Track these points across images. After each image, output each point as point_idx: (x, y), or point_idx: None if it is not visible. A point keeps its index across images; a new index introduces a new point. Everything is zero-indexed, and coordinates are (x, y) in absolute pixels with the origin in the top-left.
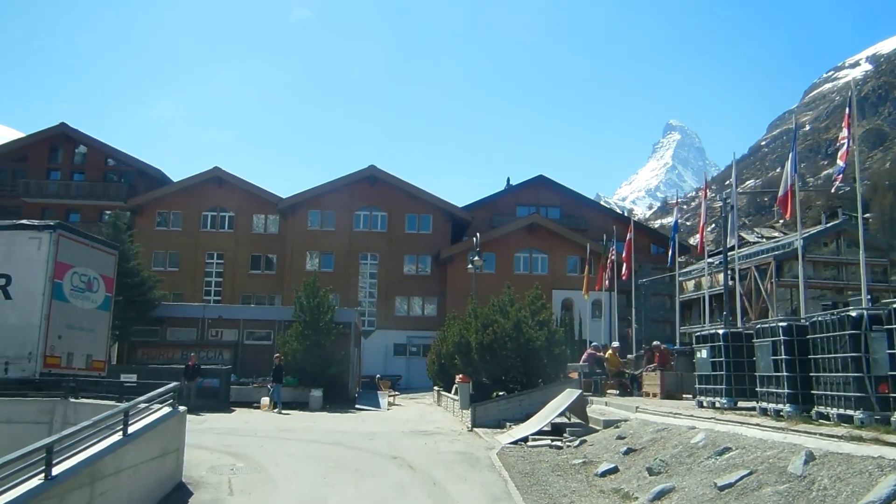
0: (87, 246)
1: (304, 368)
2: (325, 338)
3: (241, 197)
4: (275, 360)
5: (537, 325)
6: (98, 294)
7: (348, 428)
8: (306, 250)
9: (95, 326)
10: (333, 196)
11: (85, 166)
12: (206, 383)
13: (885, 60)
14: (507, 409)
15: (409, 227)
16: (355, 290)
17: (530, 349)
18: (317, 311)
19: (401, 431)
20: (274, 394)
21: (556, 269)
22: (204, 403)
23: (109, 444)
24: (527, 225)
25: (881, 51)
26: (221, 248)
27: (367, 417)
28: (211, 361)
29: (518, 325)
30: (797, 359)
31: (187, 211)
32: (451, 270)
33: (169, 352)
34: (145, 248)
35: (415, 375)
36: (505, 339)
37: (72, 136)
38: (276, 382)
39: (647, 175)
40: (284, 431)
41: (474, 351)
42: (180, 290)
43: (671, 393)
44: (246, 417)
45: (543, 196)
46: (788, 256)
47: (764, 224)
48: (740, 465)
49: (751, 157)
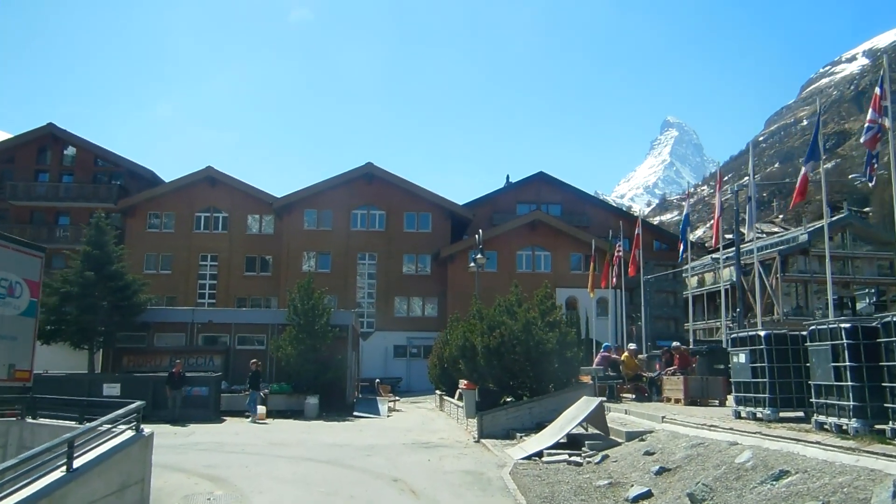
0: (9, 249)
1: (299, 374)
2: (320, 342)
3: (235, 197)
4: (251, 366)
5: (547, 327)
6: (21, 300)
7: (345, 440)
8: (303, 251)
9: (19, 334)
10: (330, 195)
11: (74, 167)
12: (195, 392)
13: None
14: (516, 418)
15: (408, 225)
16: (353, 291)
17: (541, 352)
18: (311, 314)
19: (402, 444)
20: (249, 402)
21: (560, 267)
22: (192, 413)
23: (45, 486)
24: (529, 222)
25: (878, 45)
26: (215, 250)
27: (366, 427)
28: (201, 368)
29: (527, 326)
30: (864, 366)
31: (180, 212)
32: (451, 270)
33: (156, 359)
34: (137, 250)
35: (415, 378)
36: (513, 341)
37: (60, 136)
38: (253, 390)
39: (645, 172)
40: (275, 446)
41: (480, 355)
42: (173, 293)
43: (695, 399)
44: (236, 428)
45: (544, 193)
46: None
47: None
48: (806, 495)
49: (748, 152)
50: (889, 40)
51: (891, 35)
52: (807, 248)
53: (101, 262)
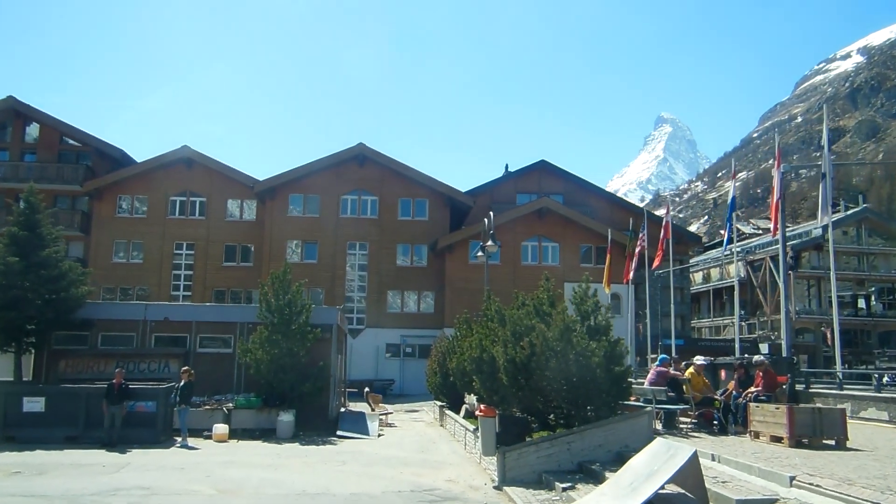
0: None
1: (271, 385)
2: (298, 345)
3: (214, 180)
4: (182, 376)
5: (587, 333)
6: None
7: (321, 485)
8: (287, 239)
9: None
10: (317, 178)
11: (37, 145)
12: (139, 408)
13: (877, 52)
14: (550, 457)
15: (403, 213)
16: (342, 284)
17: (583, 367)
18: (288, 311)
19: (397, 492)
20: (180, 420)
21: (568, 260)
22: (135, 435)
23: None
24: (535, 210)
25: (872, 42)
26: (192, 238)
27: (351, 456)
28: (154, 375)
29: (566, 333)
30: None
31: (153, 196)
32: (449, 261)
33: (100, 363)
34: (105, 237)
35: (409, 380)
36: (546, 353)
37: (22, 111)
38: (185, 405)
39: (639, 168)
40: (224, 495)
41: (502, 370)
42: (145, 284)
43: (802, 438)
44: (183, 458)
45: (545, 182)
46: (808, 246)
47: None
48: None
49: (742, 149)
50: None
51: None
52: (821, 244)
53: (30, 247)
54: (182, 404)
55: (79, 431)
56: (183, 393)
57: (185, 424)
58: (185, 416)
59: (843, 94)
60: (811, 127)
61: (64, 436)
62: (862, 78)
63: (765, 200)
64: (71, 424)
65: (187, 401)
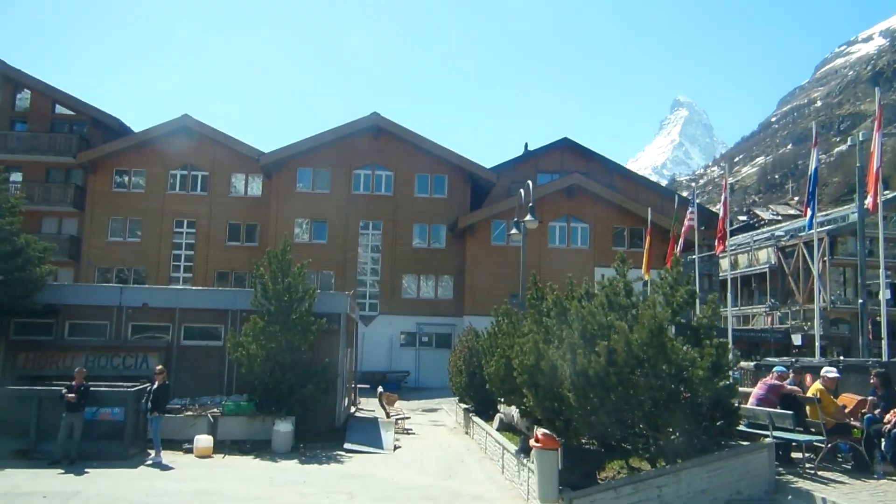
0: None
1: (267, 386)
2: (299, 338)
3: (217, 152)
4: (155, 378)
5: (681, 337)
6: None
7: None
8: (294, 218)
9: None
10: (328, 151)
11: (28, 114)
12: (103, 414)
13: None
14: None
15: (420, 189)
16: (354, 267)
17: (682, 382)
18: (287, 297)
19: None
20: (152, 431)
21: (600, 243)
22: (98, 449)
23: None
24: (565, 187)
25: (895, 25)
26: (193, 215)
27: (360, 483)
28: (131, 372)
29: (657, 335)
30: None
31: (151, 169)
32: (470, 243)
33: (66, 357)
34: (101, 213)
35: (426, 371)
36: (631, 362)
37: (12, 77)
38: (158, 413)
39: (655, 152)
40: None
41: (568, 384)
42: (142, 265)
43: None
44: (149, 483)
45: (568, 161)
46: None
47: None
48: None
49: (760, 133)
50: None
51: None
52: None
53: None
54: (154, 412)
55: (29, 444)
56: (157, 398)
57: (157, 436)
58: (157, 427)
59: (865, 77)
60: (831, 111)
61: (12, 449)
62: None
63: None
64: (20, 435)
65: (161, 408)
